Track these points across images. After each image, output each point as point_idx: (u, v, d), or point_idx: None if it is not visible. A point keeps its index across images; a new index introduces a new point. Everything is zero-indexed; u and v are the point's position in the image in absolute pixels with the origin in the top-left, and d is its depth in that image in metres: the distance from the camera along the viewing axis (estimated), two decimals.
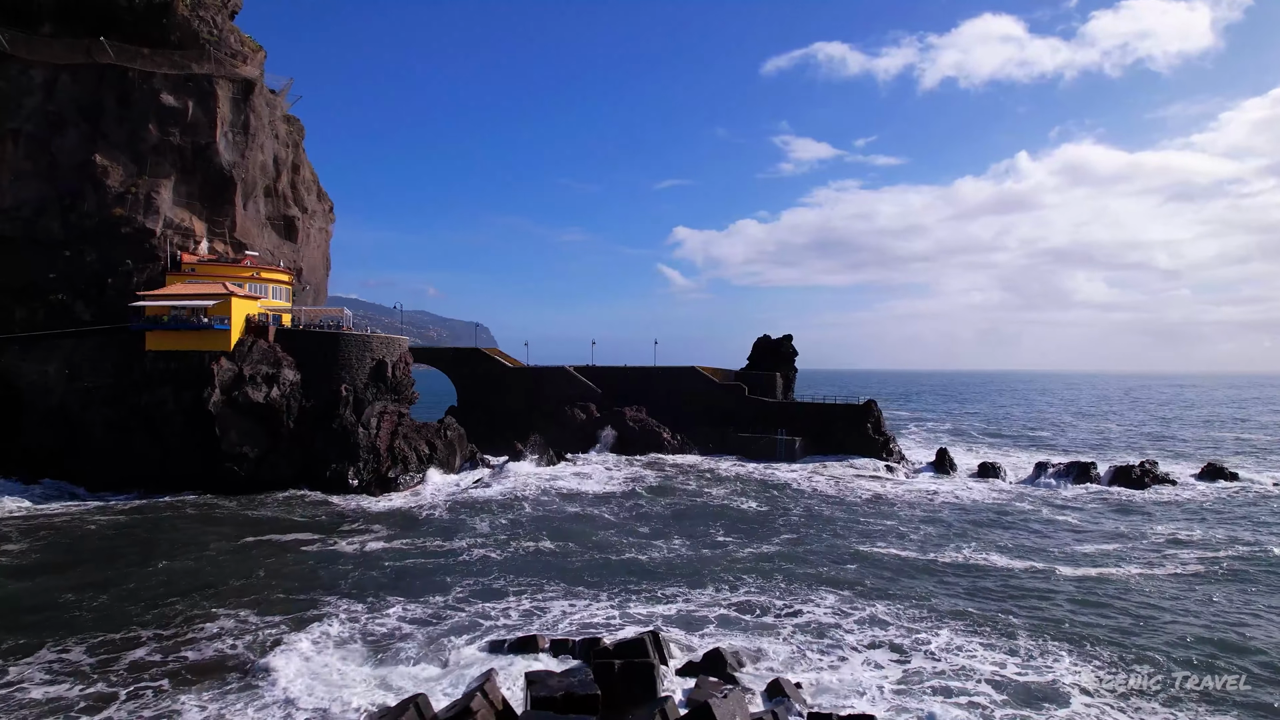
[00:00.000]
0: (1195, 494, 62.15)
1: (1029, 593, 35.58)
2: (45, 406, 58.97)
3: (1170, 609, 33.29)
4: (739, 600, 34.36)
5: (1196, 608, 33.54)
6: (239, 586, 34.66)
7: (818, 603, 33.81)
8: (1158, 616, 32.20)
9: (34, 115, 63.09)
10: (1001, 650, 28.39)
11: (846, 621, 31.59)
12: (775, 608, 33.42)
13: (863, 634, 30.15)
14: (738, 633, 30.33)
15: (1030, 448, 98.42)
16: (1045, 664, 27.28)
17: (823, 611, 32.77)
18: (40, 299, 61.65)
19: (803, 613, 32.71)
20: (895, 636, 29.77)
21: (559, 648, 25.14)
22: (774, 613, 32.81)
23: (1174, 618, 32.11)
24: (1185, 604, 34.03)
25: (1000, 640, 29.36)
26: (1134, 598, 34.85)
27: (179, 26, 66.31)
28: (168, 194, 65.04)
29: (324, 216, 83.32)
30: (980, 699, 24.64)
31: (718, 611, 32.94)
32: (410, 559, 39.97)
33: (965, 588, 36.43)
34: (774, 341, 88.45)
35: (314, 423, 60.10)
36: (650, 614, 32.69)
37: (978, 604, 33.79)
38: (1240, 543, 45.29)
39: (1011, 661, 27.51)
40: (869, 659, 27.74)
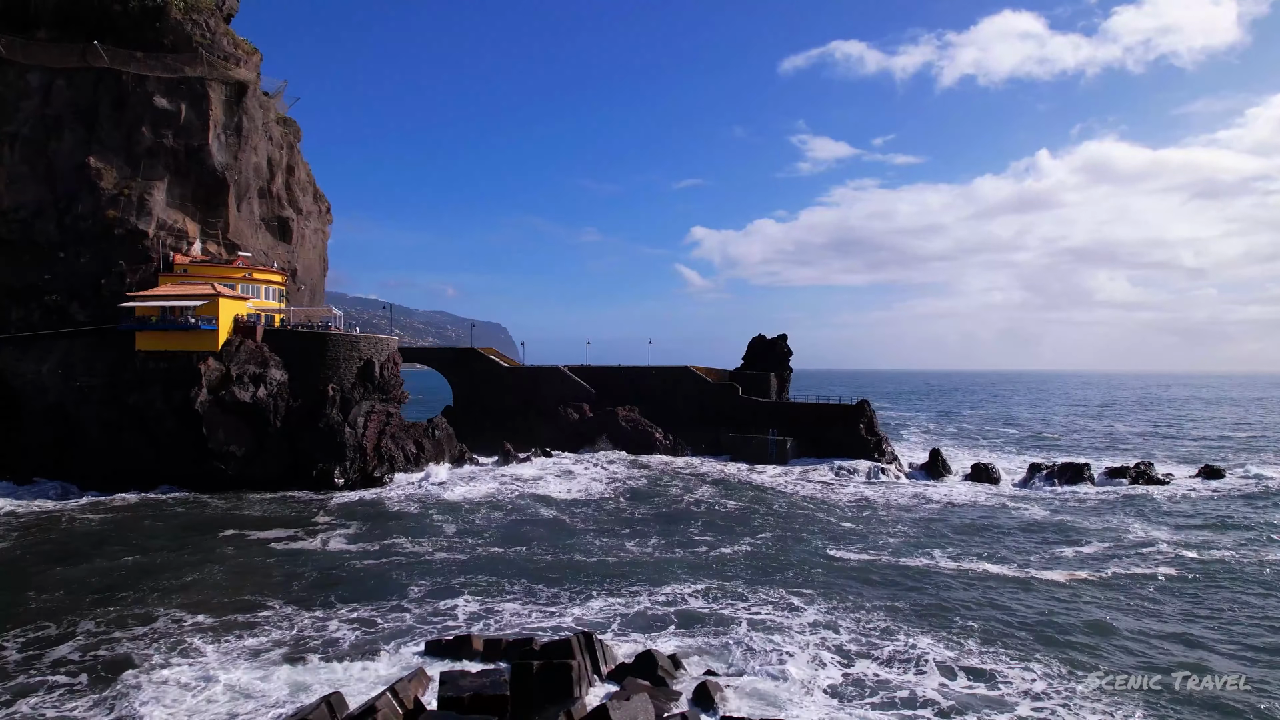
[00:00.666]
0: (1187, 494, 61.26)
1: (993, 599, 35.12)
2: (41, 406, 59.96)
3: (1134, 614, 32.76)
4: (697, 602, 34.20)
5: (1162, 613, 32.97)
6: (188, 585, 34.97)
7: (775, 606, 33.58)
8: (1119, 623, 31.64)
9: (31, 119, 64.21)
10: (952, 658, 27.98)
11: (799, 625, 31.32)
12: (731, 610, 33.23)
13: (813, 639, 29.86)
14: (688, 635, 30.19)
15: (1033, 449, 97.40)
16: (994, 672, 26.86)
17: (778, 615, 32.53)
18: (36, 300, 62.68)
19: (757, 616, 32.49)
20: (846, 642, 29.50)
21: (492, 648, 25.17)
22: (729, 615, 32.61)
23: (1136, 623, 31.60)
24: (1151, 609, 33.47)
25: (953, 647, 28.98)
26: (1100, 603, 34.29)
27: (172, 30, 67.16)
28: (161, 196, 65.91)
29: (320, 218, 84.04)
30: (920, 708, 24.42)
31: (673, 612, 32.85)
32: (372, 559, 40.20)
33: (929, 593, 36.02)
34: (769, 341, 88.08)
35: (301, 422, 60.68)
36: (606, 615, 32.68)
37: (939, 610, 33.38)
38: (1217, 545, 44.56)
39: (960, 669, 27.10)
40: (814, 664, 27.45)
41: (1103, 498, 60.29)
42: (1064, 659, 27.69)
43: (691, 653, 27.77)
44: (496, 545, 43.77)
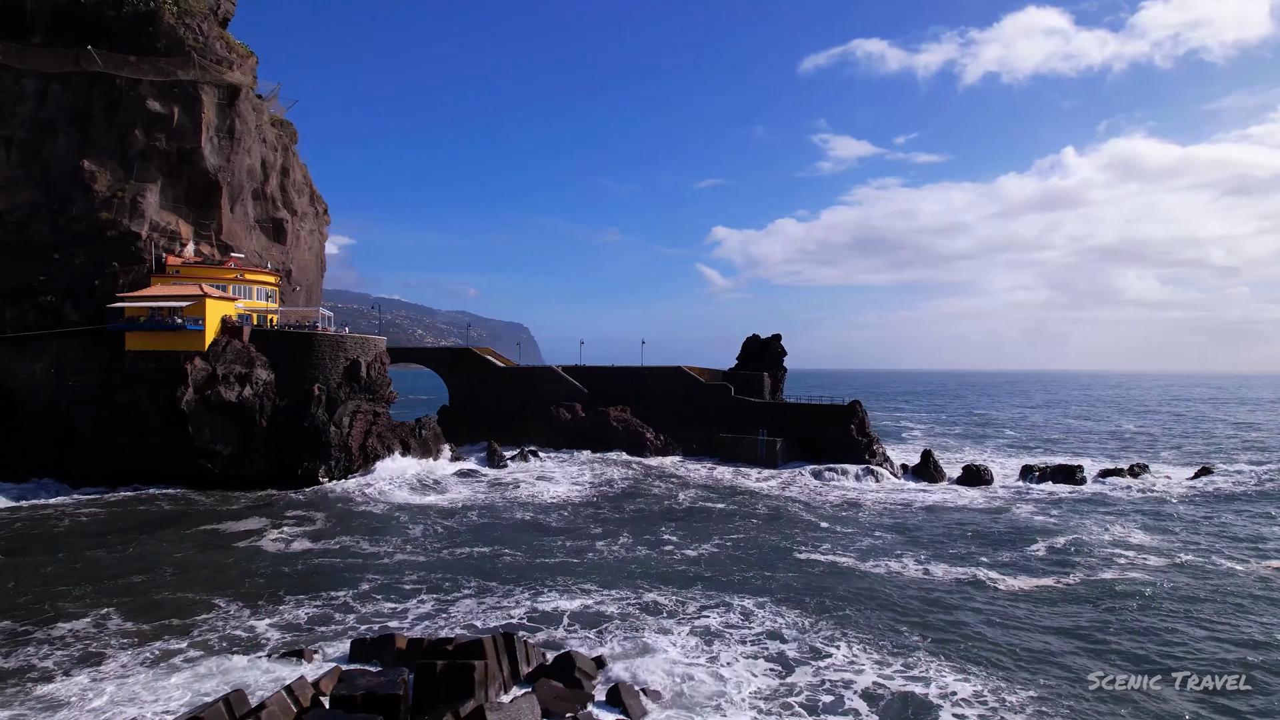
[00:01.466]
0: (1177, 495, 60.10)
1: (950, 605, 34.44)
2: (35, 405, 60.94)
3: (1087, 624, 31.96)
4: (649, 603, 33.95)
5: (1113, 623, 32.15)
6: (134, 584, 35.17)
7: (723, 609, 33.19)
8: (1069, 633, 30.94)
9: (26, 122, 65.35)
10: (894, 664, 27.52)
11: (745, 629, 30.98)
12: (682, 611, 32.99)
13: (754, 643, 29.51)
14: (626, 636, 29.93)
15: (1038, 449, 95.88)
16: (932, 679, 26.37)
17: (727, 617, 32.19)
18: (31, 300, 63.79)
19: (705, 618, 32.20)
20: (787, 648, 29.07)
21: (414, 647, 25.09)
22: (678, 617, 32.37)
23: (1084, 635, 30.84)
24: (1103, 619, 32.63)
25: (897, 653, 28.47)
26: (1056, 612, 33.54)
27: (165, 34, 68.05)
28: (154, 198, 66.82)
29: (316, 219, 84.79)
30: (842, 716, 24.00)
31: (623, 612, 32.70)
32: (332, 558, 40.37)
33: (887, 598, 35.43)
34: (763, 341, 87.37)
35: (287, 421, 61.18)
36: (554, 614, 32.61)
37: (892, 615, 32.83)
38: (1192, 549, 43.46)
39: (899, 676, 26.63)
40: (749, 669, 27.12)
41: (1090, 500, 59.16)
42: (1003, 670, 27.06)
43: (622, 655, 27.50)
44: (462, 545, 43.78)
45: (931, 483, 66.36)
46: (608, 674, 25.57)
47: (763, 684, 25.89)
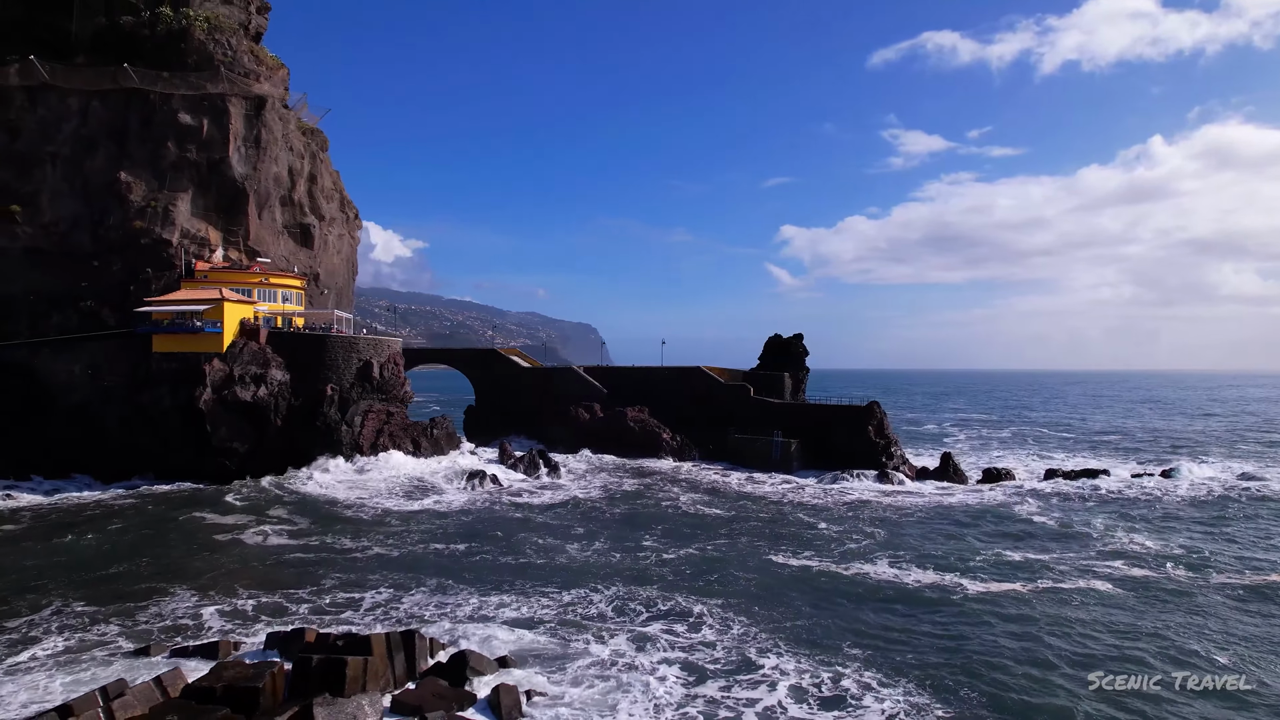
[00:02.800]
0: (1196, 498, 56.86)
1: (907, 612, 33.24)
2: (70, 404, 64.70)
3: (1036, 632, 30.34)
4: (598, 606, 33.85)
5: (1071, 632, 30.43)
6: (111, 574, 36.96)
7: (674, 614, 32.77)
8: (1016, 646, 29.42)
9: (70, 139, 69.31)
10: (817, 675, 26.63)
11: (684, 636, 30.47)
12: (628, 615, 32.82)
13: (685, 649, 29.03)
14: (555, 638, 29.91)
15: (1085, 451, 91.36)
16: (851, 697, 25.43)
17: (672, 623, 31.76)
18: (73, 305, 67.66)
19: (649, 623, 31.91)
20: (716, 656, 28.38)
21: (321, 640, 25.61)
22: (616, 619, 32.21)
23: (1034, 647, 29.27)
24: (1063, 627, 30.93)
25: (826, 664, 27.58)
26: (1011, 619, 31.94)
27: (195, 50, 71.31)
28: (185, 206, 70.08)
29: (347, 224, 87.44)
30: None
31: (560, 614, 32.71)
32: (305, 553, 41.47)
33: (843, 603, 34.44)
34: (784, 341, 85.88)
35: (302, 420, 63.35)
36: (496, 613, 32.90)
37: (841, 623, 31.83)
38: (1186, 557, 40.72)
39: (816, 689, 25.73)
40: (662, 677, 26.61)
41: (1106, 500, 56.62)
42: (936, 685, 25.91)
43: (533, 657, 27.53)
44: (438, 543, 44.41)
45: (948, 485, 64.09)
46: (509, 674, 25.64)
47: (667, 694, 25.38)
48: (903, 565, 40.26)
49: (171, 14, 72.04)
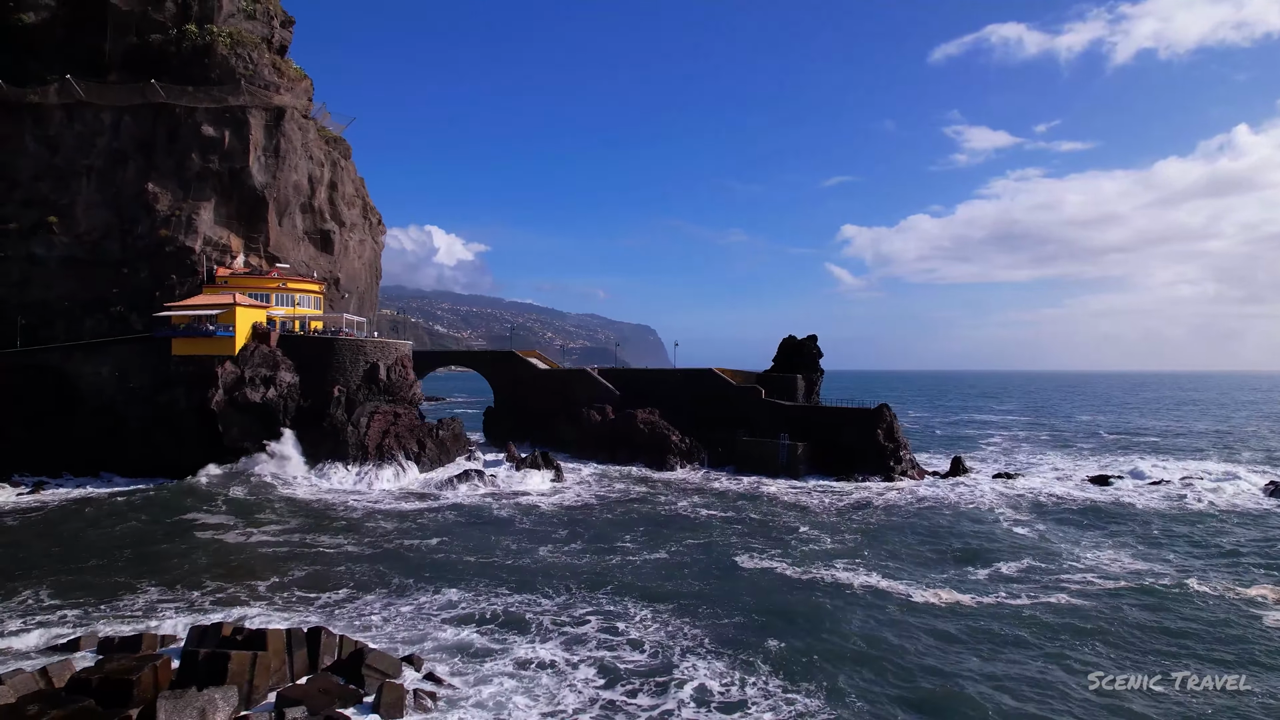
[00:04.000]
0: (1219, 510, 53.70)
1: (840, 618, 32.38)
2: (97, 404, 68.00)
3: (963, 647, 29.21)
4: (543, 605, 34.12)
5: (999, 650, 29.21)
6: (87, 567, 38.71)
7: (617, 615, 32.76)
8: (934, 657, 28.43)
9: (103, 153, 72.94)
10: (728, 679, 26.35)
11: (609, 634, 30.54)
12: (566, 614, 33.01)
13: (611, 648, 29.10)
14: (489, 636, 30.27)
15: (1116, 453, 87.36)
16: (751, 698, 25.07)
17: (612, 623, 31.80)
18: (104, 310, 71.22)
19: (580, 622, 31.99)
20: (633, 657, 28.37)
21: (236, 633, 26.35)
22: (556, 619, 32.33)
23: (957, 659, 28.25)
24: (993, 643, 29.70)
25: (743, 668, 27.20)
26: (948, 634, 30.83)
27: (219, 65, 74.19)
28: (208, 214, 73.01)
29: (369, 229, 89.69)
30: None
31: (504, 613, 33.04)
32: (279, 549, 42.72)
33: (782, 608, 33.81)
34: (798, 343, 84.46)
35: (310, 421, 65.21)
36: (440, 611, 33.44)
37: (771, 627, 31.24)
38: (1156, 573, 38.52)
39: (720, 693, 25.45)
40: (570, 678, 26.63)
41: (1108, 507, 54.38)
42: (834, 692, 25.29)
43: (442, 656, 27.86)
44: (414, 541, 45.16)
45: (948, 487, 62.20)
46: (414, 673, 26.00)
47: (573, 695, 25.37)
48: (860, 571, 39.26)
49: (197, 31, 75.14)
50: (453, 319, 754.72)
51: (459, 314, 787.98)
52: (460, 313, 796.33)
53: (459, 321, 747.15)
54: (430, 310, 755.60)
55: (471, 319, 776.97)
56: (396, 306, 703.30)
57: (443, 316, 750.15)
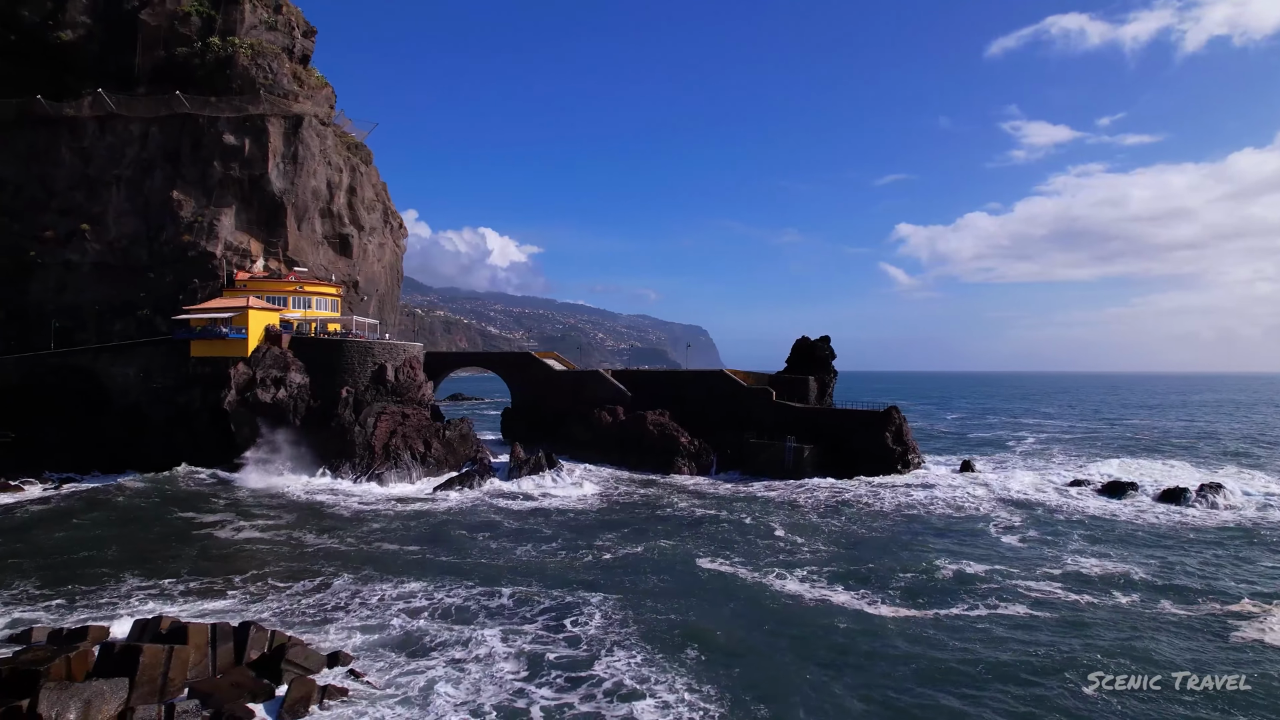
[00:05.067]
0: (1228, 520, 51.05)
1: (774, 623, 31.88)
2: (123, 404, 70.96)
3: (889, 664, 28.30)
4: (496, 600, 34.61)
5: (932, 665, 28.25)
6: (77, 559, 40.25)
7: (566, 612, 32.92)
8: (855, 669, 27.68)
9: (133, 163, 76.05)
10: (643, 678, 26.18)
11: (548, 630, 30.79)
12: (515, 609, 33.64)
13: (535, 644, 29.32)
14: (433, 629, 30.79)
15: (1159, 460, 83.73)
16: (652, 691, 25.00)
17: (560, 619, 32.07)
18: (132, 314, 74.19)
19: (525, 618, 32.29)
20: (562, 653, 28.44)
21: (173, 627, 27.18)
22: (503, 615, 32.79)
23: (872, 672, 27.46)
24: (927, 657, 28.73)
25: (655, 666, 27.10)
26: (877, 643, 30.00)
27: (240, 75, 76.63)
28: (229, 220, 75.49)
29: (389, 233, 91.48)
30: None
31: (454, 607, 33.54)
32: (261, 546, 43.85)
33: (721, 612, 33.53)
34: (811, 344, 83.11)
35: (320, 421, 66.85)
36: (393, 604, 34.12)
37: (703, 629, 30.94)
38: (1127, 584, 36.67)
39: (630, 690, 25.37)
40: (494, 672, 26.84)
41: (1115, 517, 52.18)
42: (735, 700, 24.86)
43: (395, 649, 28.46)
44: (393, 542, 45.76)
45: (950, 492, 60.55)
46: (339, 668, 26.46)
47: (492, 689, 25.56)
48: (816, 579, 38.47)
49: (220, 43, 77.74)
50: (505, 320, 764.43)
51: (511, 315, 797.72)
52: (513, 314, 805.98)
53: (511, 322, 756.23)
54: (483, 311, 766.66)
55: (524, 320, 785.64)
56: (450, 308, 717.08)
57: (495, 318, 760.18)
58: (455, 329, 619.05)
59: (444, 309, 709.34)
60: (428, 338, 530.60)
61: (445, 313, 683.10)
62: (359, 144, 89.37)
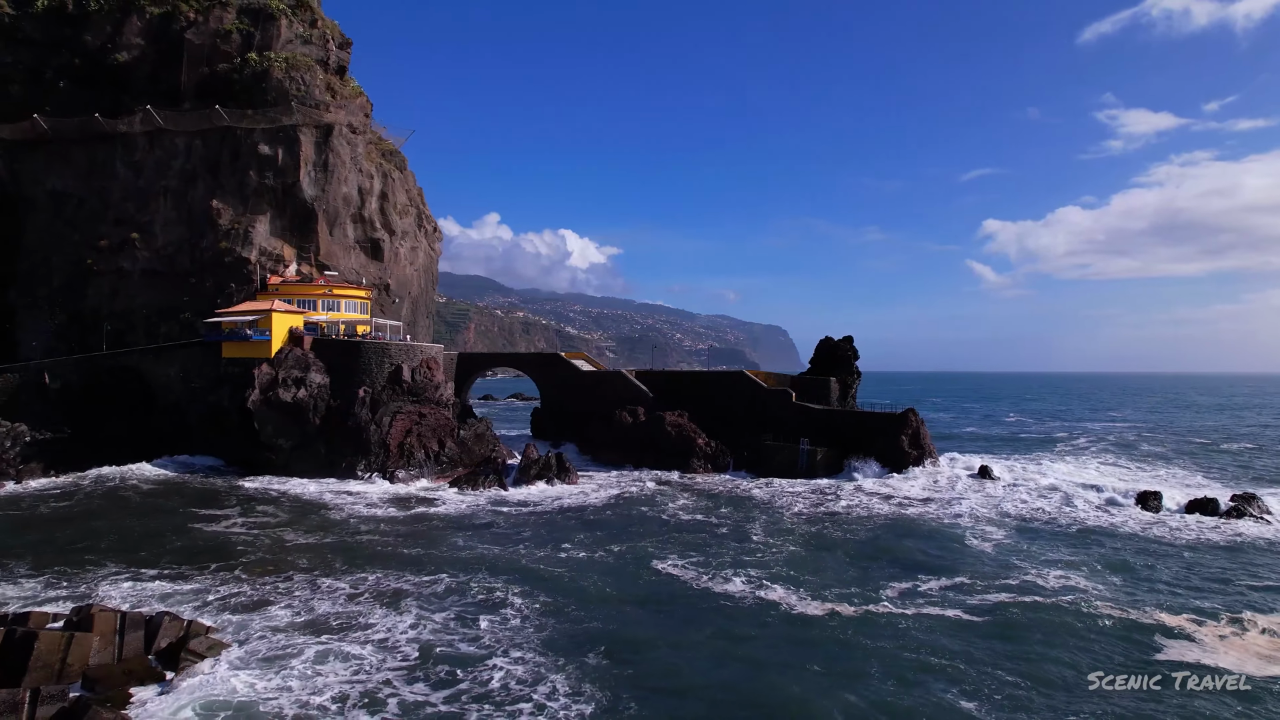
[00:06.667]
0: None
1: (697, 628, 31.04)
2: (166, 402, 75.18)
3: (810, 665, 27.15)
4: (435, 587, 35.06)
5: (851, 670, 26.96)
6: (75, 547, 42.62)
7: (488, 607, 33.15)
8: (760, 670, 26.63)
9: (178, 174, 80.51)
10: (521, 677, 26.05)
11: (461, 623, 31.07)
12: (445, 599, 34.25)
13: (433, 636, 29.76)
14: (353, 615, 31.47)
15: (1213, 469, 77.88)
16: (517, 692, 24.83)
17: (475, 612, 32.24)
18: (176, 318, 78.56)
19: (449, 607, 32.77)
20: (461, 646, 28.63)
21: (88, 616, 28.57)
22: (425, 608, 32.97)
23: (786, 672, 26.37)
24: (850, 663, 27.43)
25: (545, 668, 26.83)
26: (792, 643, 28.88)
27: (274, 88, 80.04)
28: (263, 227, 78.99)
29: (423, 236, 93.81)
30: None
31: (385, 595, 34.21)
32: (247, 540, 45.49)
33: (646, 613, 32.99)
34: (833, 344, 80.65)
35: (338, 420, 69.10)
36: (335, 593, 35.03)
37: (618, 632, 30.48)
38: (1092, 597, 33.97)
39: (496, 690, 25.31)
40: (380, 660, 27.24)
41: (1123, 529, 48.63)
42: (613, 708, 24.39)
43: (307, 631, 29.21)
44: (375, 535, 46.97)
45: (958, 495, 58.00)
46: (237, 652, 27.35)
47: (364, 675, 25.93)
48: (768, 581, 37.33)
49: (257, 58, 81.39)
50: (584, 320, 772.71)
51: (590, 316, 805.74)
52: (591, 314, 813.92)
53: (589, 323, 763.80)
54: (562, 312, 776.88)
55: (602, 320, 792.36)
56: (530, 309, 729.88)
57: (574, 318, 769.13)
58: (534, 329, 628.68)
59: (524, 310, 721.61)
60: (507, 339, 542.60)
61: (525, 314, 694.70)
62: (394, 150, 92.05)
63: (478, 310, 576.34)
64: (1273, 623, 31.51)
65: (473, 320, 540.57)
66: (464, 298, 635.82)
